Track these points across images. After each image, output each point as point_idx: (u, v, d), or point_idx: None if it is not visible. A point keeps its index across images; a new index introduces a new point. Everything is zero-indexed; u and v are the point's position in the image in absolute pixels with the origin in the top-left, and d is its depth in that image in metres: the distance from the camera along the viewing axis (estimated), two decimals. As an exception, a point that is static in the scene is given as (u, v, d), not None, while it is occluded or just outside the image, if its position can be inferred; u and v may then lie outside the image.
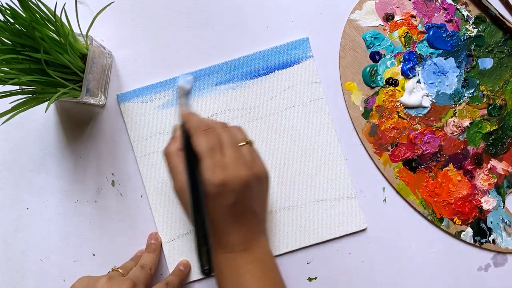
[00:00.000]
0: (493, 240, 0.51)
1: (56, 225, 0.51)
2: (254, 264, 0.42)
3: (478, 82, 0.51)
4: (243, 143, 0.43)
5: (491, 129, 0.51)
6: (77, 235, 0.51)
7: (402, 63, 0.51)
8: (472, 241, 0.51)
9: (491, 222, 0.51)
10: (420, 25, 0.52)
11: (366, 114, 0.51)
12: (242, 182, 0.40)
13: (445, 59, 0.51)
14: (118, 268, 0.47)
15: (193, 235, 0.38)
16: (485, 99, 0.51)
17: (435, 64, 0.51)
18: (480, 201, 0.51)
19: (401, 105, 0.51)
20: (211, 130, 0.42)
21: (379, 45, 0.52)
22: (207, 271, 0.37)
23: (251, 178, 0.41)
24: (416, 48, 0.52)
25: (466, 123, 0.51)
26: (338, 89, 0.52)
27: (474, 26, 0.52)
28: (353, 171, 0.51)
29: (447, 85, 0.51)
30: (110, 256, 0.51)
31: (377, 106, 0.51)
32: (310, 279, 0.51)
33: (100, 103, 0.50)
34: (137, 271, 0.46)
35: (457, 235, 0.51)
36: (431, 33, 0.51)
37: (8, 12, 0.39)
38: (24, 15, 0.40)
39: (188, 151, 0.42)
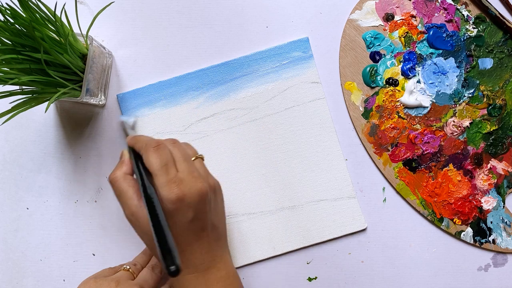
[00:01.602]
0: (493, 240, 0.51)
1: (56, 225, 0.51)
2: (218, 284, 0.41)
3: (478, 82, 0.51)
4: (194, 158, 0.43)
5: (491, 129, 0.51)
6: (77, 235, 0.51)
7: (402, 63, 0.51)
8: (472, 241, 0.51)
9: (491, 222, 0.51)
10: (420, 25, 0.52)
11: (366, 114, 0.51)
12: (199, 195, 0.39)
13: (445, 59, 0.52)
14: (128, 266, 0.45)
15: (157, 248, 0.36)
16: (485, 99, 0.51)
17: (435, 64, 0.51)
18: (480, 201, 0.51)
19: (401, 105, 0.51)
20: (162, 146, 0.41)
21: (379, 45, 0.52)
22: (174, 270, 0.34)
23: (208, 190, 0.40)
24: (416, 48, 0.52)
25: (466, 123, 0.51)
26: (338, 89, 0.52)
27: (474, 26, 0.52)
28: (353, 171, 0.51)
29: (447, 85, 0.51)
30: (110, 256, 0.51)
31: (377, 106, 0.51)
32: (310, 279, 0.51)
33: (100, 103, 0.50)
34: (147, 275, 0.45)
35: (457, 235, 0.51)
36: (431, 33, 0.51)
37: (8, 12, 0.39)
38: (24, 15, 0.40)
39: (140, 171, 0.41)
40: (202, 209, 0.40)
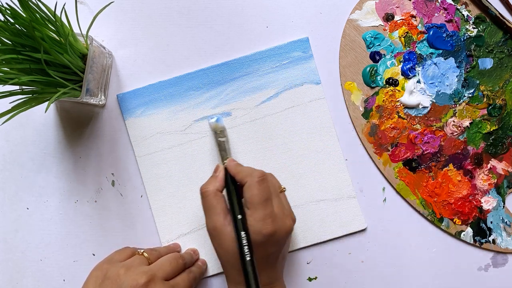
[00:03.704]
0: (493, 240, 0.51)
1: (56, 225, 0.51)
2: None
3: (478, 82, 0.51)
4: (280, 191, 0.45)
5: (491, 129, 0.51)
6: (77, 235, 0.51)
7: (402, 63, 0.51)
8: (472, 241, 0.51)
9: (491, 222, 0.51)
10: (420, 25, 0.52)
11: (366, 114, 0.51)
12: (287, 233, 0.42)
13: (445, 59, 0.52)
14: (142, 250, 0.46)
15: (245, 279, 0.40)
16: (485, 99, 0.51)
17: (435, 64, 0.51)
18: (480, 201, 0.51)
19: (401, 105, 0.51)
20: (264, 179, 0.42)
21: (379, 45, 0.52)
22: None
23: (293, 226, 0.43)
24: (416, 48, 0.52)
25: (466, 123, 0.51)
26: (338, 89, 0.52)
27: (474, 26, 0.52)
28: (353, 171, 0.51)
29: (447, 85, 0.51)
30: (110, 256, 0.51)
31: (377, 106, 0.51)
32: (310, 279, 0.51)
33: (100, 103, 0.50)
34: (166, 263, 0.44)
35: (457, 235, 0.51)
36: (431, 33, 0.51)
37: (8, 12, 0.39)
38: (24, 15, 0.40)
39: (235, 196, 0.43)
40: (283, 244, 0.43)
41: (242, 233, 0.41)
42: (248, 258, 0.40)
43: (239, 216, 0.42)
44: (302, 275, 0.51)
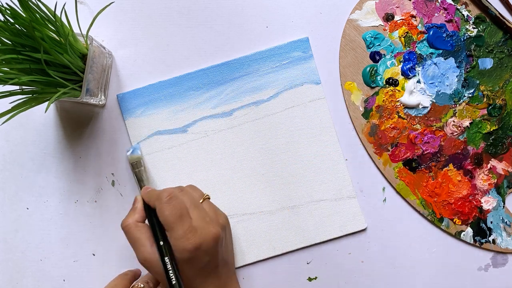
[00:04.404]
0: (493, 240, 0.51)
1: (56, 225, 0.51)
2: None
3: (478, 82, 0.51)
4: (202, 200, 0.45)
5: (491, 129, 0.51)
6: (77, 235, 0.51)
7: (402, 63, 0.51)
8: (472, 241, 0.51)
9: (491, 222, 0.51)
10: (420, 25, 0.52)
11: (366, 114, 0.51)
12: (214, 240, 0.42)
13: (445, 59, 0.52)
14: (142, 284, 0.46)
15: None
16: (485, 99, 0.51)
17: (435, 64, 0.51)
18: (480, 201, 0.51)
19: (401, 105, 0.51)
20: (173, 197, 0.42)
21: (379, 45, 0.52)
22: None
23: (220, 233, 0.43)
24: (416, 48, 0.52)
25: (466, 123, 0.51)
26: (338, 89, 0.52)
27: (474, 26, 0.52)
28: (353, 171, 0.51)
29: (447, 85, 0.51)
30: (110, 256, 0.51)
31: (377, 106, 0.51)
32: (310, 279, 0.51)
33: (100, 103, 0.50)
34: None
35: (457, 235, 0.51)
36: (431, 33, 0.51)
37: (8, 12, 0.39)
38: (24, 15, 0.40)
39: (153, 225, 0.44)
40: (216, 251, 0.43)
41: (166, 258, 0.41)
42: (173, 282, 0.41)
43: (161, 243, 0.42)
44: (302, 275, 0.51)
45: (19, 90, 0.42)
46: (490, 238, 0.51)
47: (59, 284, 0.51)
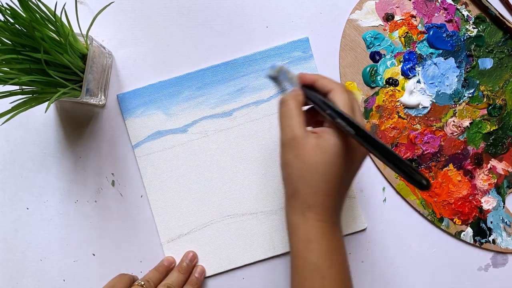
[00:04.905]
0: (493, 240, 0.51)
1: (56, 225, 0.51)
2: (339, 243, 0.39)
3: (478, 82, 0.51)
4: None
5: (491, 129, 0.51)
6: (77, 235, 0.51)
7: (402, 63, 0.51)
8: (472, 241, 0.51)
9: (491, 222, 0.51)
10: (420, 25, 0.52)
11: (366, 114, 0.51)
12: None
13: (445, 59, 0.51)
14: (143, 282, 0.45)
15: (394, 169, 0.34)
16: (485, 99, 0.51)
17: (435, 64, 0.51)
18: (480, 201, 0.51)
19: (401, 105, 0.51)
20: (348, 91, 0.39)
21: (379, 45, 0.52)
22: (427, 184, 0.33)
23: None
24: (416, 48, 0.52)
25: (466, 123, 0.51)
26: (338, 89, 0.52)
27: (474, 26, 0.52)
28: (353, 171, 0.51)
29: (447, 85, 0.51)
30: (110, 256, 0.51)
31: (377, 106, 0.51)
32: (310, 279, 0.51)
33: (100, 103, 0.50)
34: (179, 277, 0.47)
35: (457, 235, 0.51)
36: (431, 33, 0.51)
37: (8, 12, 0.39)
38: (24, 15, 0.40)
39: (323, 102, 0.38)
40: (360, 165, 0.39)
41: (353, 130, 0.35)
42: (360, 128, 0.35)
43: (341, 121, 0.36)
44: (302, 275, 0.51)
45: (19, 90, 0.42)
46: (490, 238, 0.51)
47: (59, 284, 0.51)
